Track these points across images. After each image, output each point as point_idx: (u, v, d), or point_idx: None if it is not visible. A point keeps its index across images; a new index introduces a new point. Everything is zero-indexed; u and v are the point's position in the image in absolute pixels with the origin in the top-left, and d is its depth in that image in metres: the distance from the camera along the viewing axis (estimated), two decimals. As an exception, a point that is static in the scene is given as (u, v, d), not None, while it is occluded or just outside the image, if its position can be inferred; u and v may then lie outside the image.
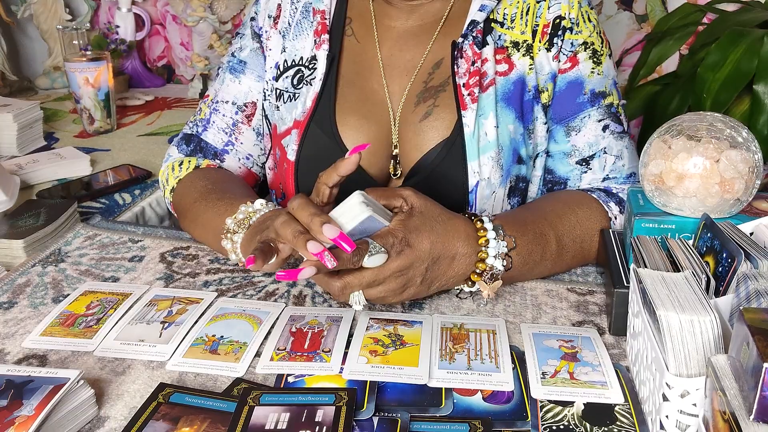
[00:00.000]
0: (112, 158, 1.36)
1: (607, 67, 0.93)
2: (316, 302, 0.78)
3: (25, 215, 0.94)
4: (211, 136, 0.99)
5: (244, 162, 1.01)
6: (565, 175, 0.94)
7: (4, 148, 1.35)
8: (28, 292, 0.80)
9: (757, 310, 0.46)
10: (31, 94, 1.90)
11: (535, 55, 0.90)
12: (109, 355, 0.68)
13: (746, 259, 0.60)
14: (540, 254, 0.80)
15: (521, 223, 0.79)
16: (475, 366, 0.65)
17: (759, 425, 0.42)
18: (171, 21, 2.08)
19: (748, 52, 1.43)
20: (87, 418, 0.59)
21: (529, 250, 0.78)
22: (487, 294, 0.74)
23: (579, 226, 0.85)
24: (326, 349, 0.68)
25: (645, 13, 1.87)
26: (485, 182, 0.88)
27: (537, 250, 0.79)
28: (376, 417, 0.58)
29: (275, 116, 0.97)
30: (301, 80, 0.94)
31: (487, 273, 0.74)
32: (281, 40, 0.97)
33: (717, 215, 0.72)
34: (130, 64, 2.01)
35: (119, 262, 0.88)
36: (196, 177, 0.95)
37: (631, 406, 0.60)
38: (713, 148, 0.71)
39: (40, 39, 2.00)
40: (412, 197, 0.72)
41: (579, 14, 0.90)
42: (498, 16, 0.90)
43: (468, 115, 0.87)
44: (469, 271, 0.74)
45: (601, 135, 0.92)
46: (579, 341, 0.70)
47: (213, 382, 0.65)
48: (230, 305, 0.77)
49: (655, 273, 0.60)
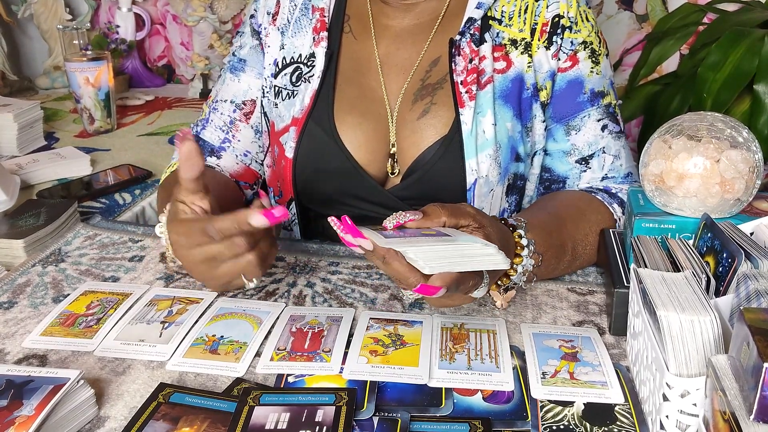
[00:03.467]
0: (113, 158, 1.36)
1: (605, 66, 0.93)
2: (316, 302, 0.78)
3: (26, 215, 0.94)
4: (209, 134, 1.00)
5: (241, 159, 1.01)
6: (564, 174, 0.94)
7: (4, 148, 1.35)
8: (28, 292, 0.80)
9: (757, 310, 0.46)
10: (32, 93, 1.90)
11: (533, 53, 0.90)
12: (109, 355, 0.68)
13: (746, 259, 0.60)
14: (555, 266, 0.80)
15: (547, 235, 0.78)
16: (475, 366, 0.65)
17: (759, 425, 0.42)
18: (171, 21, 2.08)
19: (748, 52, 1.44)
20: (87, 418, 0.59)
21: (549, 264, 0.79)
22: (501, 304, 0.74)
23: (591, 234, 0.85)
24: (326, 349, 0.68)
25: (645, 12, 1.87)
26: (483, 180, 0.88)
27: (554, 263, 0.80)
28: (376, 417, 0.58)
29: (273, 113, 0.97)
30: (300, 77, 0.94)
31: (504, 284, 0.74)
32: (280, 37, 0.97)
33: (717, 215, 0.72)
34: (130, 64, 2.02)
35: (119, 262, 0.88)
36: (171, 176, 0.97)
37: (631, 406, 0.60)
38: (714, 148, 0.71)
39: (41, 39, 2.00)
40: (479, 216, 0.68)
41: (577, 13, 0.90)
42: (496, 13, 0.90)
43: (466, 113, 0.87)
44: (496, 278, 0.73)
45: (600, 135, 0.92)
46: (579, 341, 0.70)
47: (213, 382, 0.65)
48: (230, 305, 0.77)
49: (655, 273, 0.60)
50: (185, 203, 0.68)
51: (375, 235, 0.60)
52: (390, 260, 0.59)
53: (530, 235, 0.75)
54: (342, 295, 0.80)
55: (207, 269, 0.67)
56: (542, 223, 0.80)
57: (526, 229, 0.74)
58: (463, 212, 0.66)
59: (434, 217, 0.64)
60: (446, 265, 0.58)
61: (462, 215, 0.66)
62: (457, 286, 0.60)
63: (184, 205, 0.68)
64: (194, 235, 0.66)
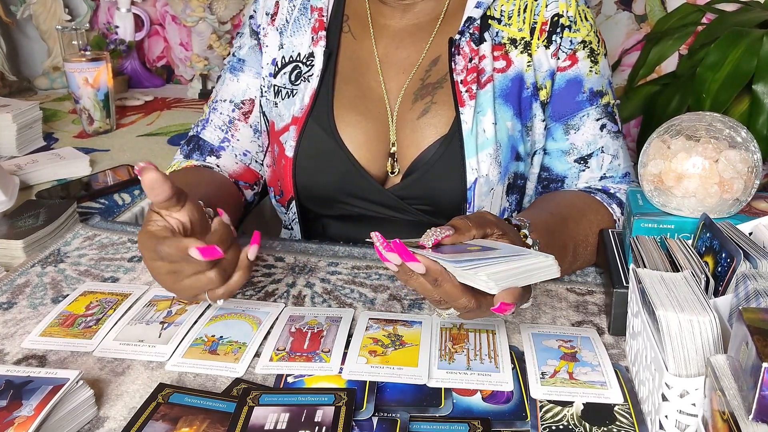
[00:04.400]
0: (112, 158, 1.36)
1: (604, 66, 0.93)
2: (315, 302, 0.78)
3: (25, 215, 0.94)
4: (208, 134, 1.01)
5: (241, 158, 1.01)
6: (563, 173, 0.94)
7: (3, 149, 1.35)
8: (27, 293, 0.80)
9: (756, 310, 0.46)
10: (31, 94, 1.90)
11: (533, 53, 0.90)
12: (108, 355, 0.68)
13: (745, 259, 0.60)
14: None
15: (550, 235, 0.78)
16: (475, 366, 0.65)
17: (758, 425, 0.42)
18: (170, 21, 2.08)
19: (747, 52, 1.44)
20: (86, 419, 0.59)
21: None
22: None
23: (591, 234, 0.85)
24: (326, 349, 0.68)
25: (644, 13, 1.87)
26: (483, 179, 0.88)
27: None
28: (376, 417, 0.58)
29: (273, 113, 0.97)
30: (299, 76, 0.94)
31: None
32: (278, 37, 0.97)
33: (716, 215, 0.72)
34: (129, 65, 2.01)
35: (118, 263, 0.88)
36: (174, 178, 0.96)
37: (631, 406, 0.60)
38: (712, 148, 0.71)
39: (40, 39, 2.00)
40: (500, 222, 0.68)
41: (576, 13, 0.90)
42: (495, 12, 0.91)
43: (466, 112, 0.87)
44: None
45: (598, 134, 0.92)
46: (578, 341, 0.70)
47: (212, 382, 0.65)
48: (230, 305, 0.77)
49: (654, 273, 0.60)
50: (159, 214, 0.67)
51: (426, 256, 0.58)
52: (442, 282, 0.58)
53: (534, 236, 0.75)
54: (341, 296, 0.80)
55: (170, 281, 0.67)
56: (545, 223, 0.80)
57: (530, 229, 0.74)
58: (487, 221, 0.66)
59: (465, 231, 0.63)
60: (512, 281, 0.57)
61: (487, 224, 0.65)
62: (522, 299, 0.59)
63: (157, 216, 0.67)
64: (143, 248, 0.66)
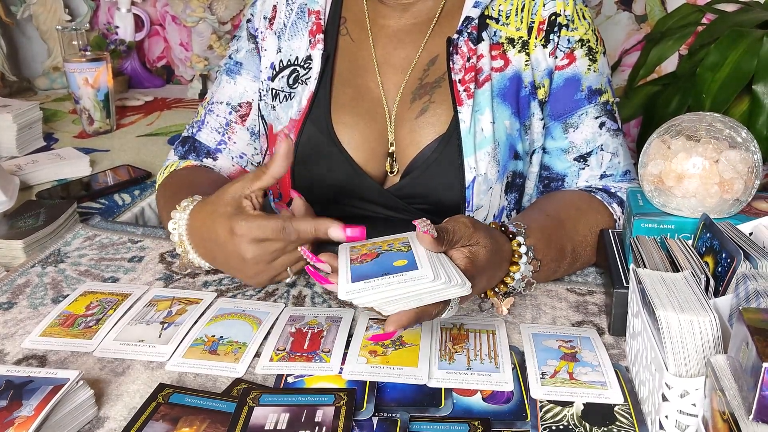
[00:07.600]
0: (112, 159, 1.36)
1: (602, 64, 0.94)
2: (315, 302, 0.78)
3: (25, 216, 0.94)
4: (205, 135, 1.01)
5: (237, 161, 1.01)
6: (562, 172, 0.94)
7: (3, 149, 1.35)
8: (27, 293, 0.80)
9: (756, 310, 0.46)
10: (31, 94, 1.90)
11: (531, 52, 0.90)
12: (108, 355, 0.68)
13: (745, 259, 0.60)
14: (555, 269, 0.80)
15: (547, 239, 0.78)
16: (475, 366, 0.65)
17: (758, 425, 0.42)
18: (170, 21, 2.08)
19: (747, 53, 1.44)
20: (86, 419, 0.59)
21: (549, 268, 0.79)
22: (501, 310, 0.74)
23: (591, 234, 0.85)
24: (326, 349, 0.68)
25: (644, 13, 1.87)
26: (482, 178, 0.88)
27: (554, 266, 0.80)
28: (376, 417, 0.58)
29: (271, 116, 0.97)
30: (297, 80, 0.94)
31: (501, 291, 0.74)
32: (276, 41, 0.97)
33: (716, 215, 0.72)
34: (129, 65, 2.01)
35: (119, 263, 0.88)
36: (172, 176, 0.98)
37: (631, 406, 0.60)
38: (712, 149, 0.71)
39: (40, 39, 2.00)
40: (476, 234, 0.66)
41: (574, 11, 0.91)
42: (493, 12, 0.91)
43: (464, 111, 0.87)
44: (492, 286, 0.73)
45: (598, 132, 0.92)
46: (578, 341, 0.70)
47: (212, 382, 0.65)
48: (230, 305, 0.77)
49: (654, 273, 0.60)
50: (250, 198, 0.74)
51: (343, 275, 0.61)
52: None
53: (530, 241, 0.75)
54: (341, 296, 0.80)
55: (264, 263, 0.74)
56: (542, 227, 0.80)
57: (526, 235, 0.75)
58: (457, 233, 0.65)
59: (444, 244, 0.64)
60: (402, 305, 0.59)
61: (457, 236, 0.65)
62: (418, 319, 0.60)
63: (248, 201, 0.74)
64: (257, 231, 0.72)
